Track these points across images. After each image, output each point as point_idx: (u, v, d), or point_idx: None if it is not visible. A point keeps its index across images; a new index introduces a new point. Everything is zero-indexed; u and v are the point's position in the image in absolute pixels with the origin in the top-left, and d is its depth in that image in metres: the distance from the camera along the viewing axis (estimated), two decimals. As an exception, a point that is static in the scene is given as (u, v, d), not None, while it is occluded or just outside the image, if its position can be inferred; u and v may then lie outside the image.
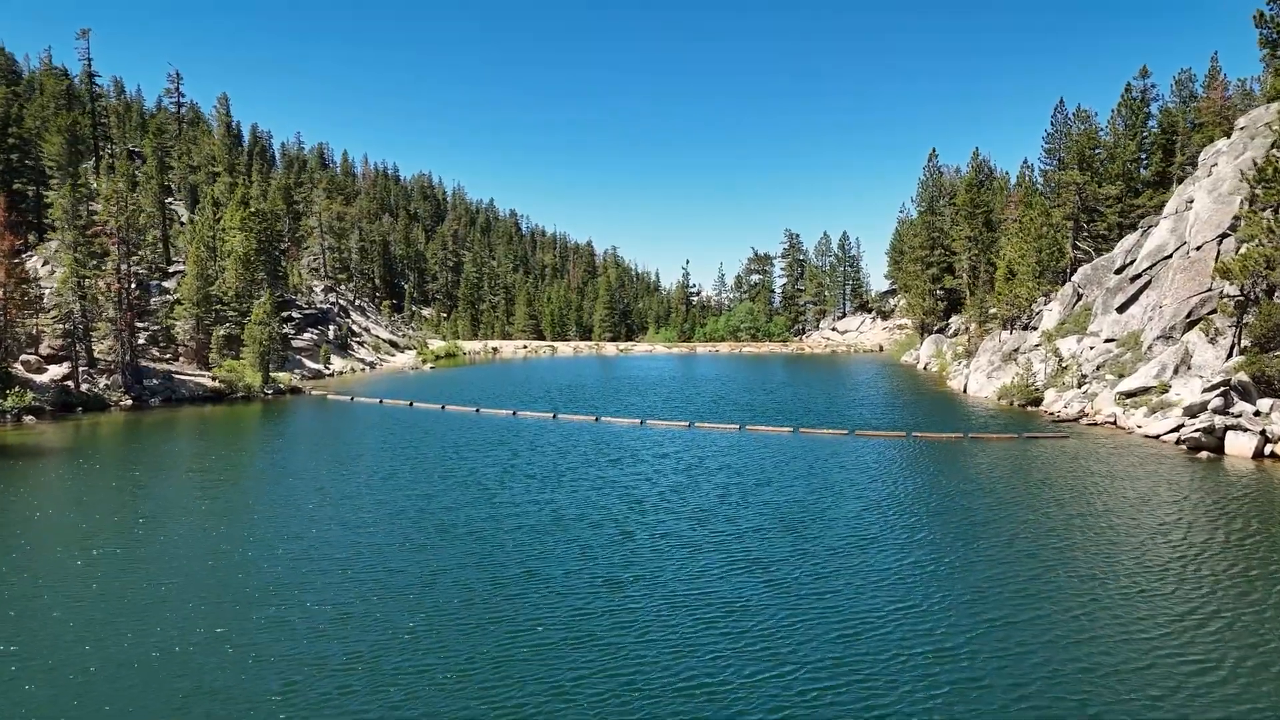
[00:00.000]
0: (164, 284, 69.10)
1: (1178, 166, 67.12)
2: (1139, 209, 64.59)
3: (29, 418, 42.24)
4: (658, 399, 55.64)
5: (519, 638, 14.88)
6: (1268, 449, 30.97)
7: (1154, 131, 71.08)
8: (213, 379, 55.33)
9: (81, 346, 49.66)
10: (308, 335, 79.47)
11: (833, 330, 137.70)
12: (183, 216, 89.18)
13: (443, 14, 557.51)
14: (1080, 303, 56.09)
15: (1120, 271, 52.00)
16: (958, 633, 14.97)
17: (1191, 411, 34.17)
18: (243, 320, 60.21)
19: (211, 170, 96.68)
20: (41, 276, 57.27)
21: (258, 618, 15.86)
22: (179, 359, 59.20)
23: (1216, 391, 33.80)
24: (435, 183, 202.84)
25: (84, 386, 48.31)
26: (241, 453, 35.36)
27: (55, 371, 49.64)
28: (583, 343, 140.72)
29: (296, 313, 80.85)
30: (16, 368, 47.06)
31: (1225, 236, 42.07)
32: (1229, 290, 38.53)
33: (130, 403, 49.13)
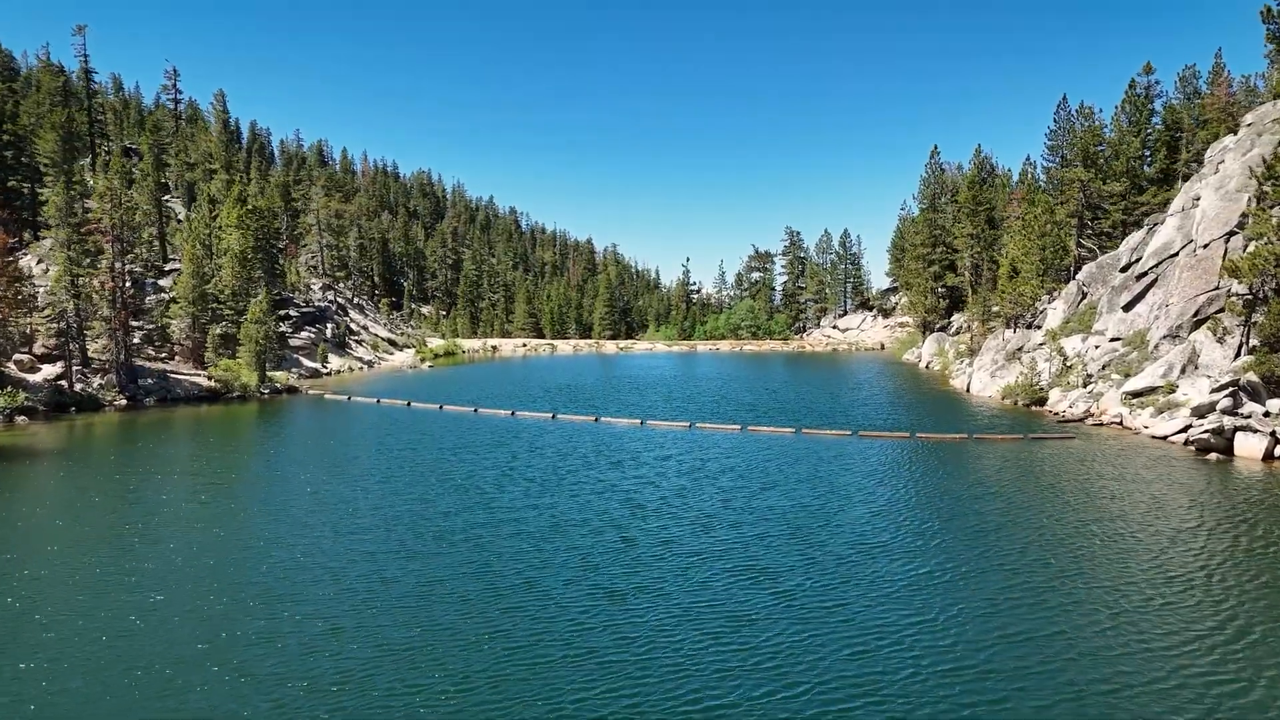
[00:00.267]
0: (160, 282, 68.46)
1: (1183, 163, 66.58)
2: (1143, 206, 64.07)
3: (21, 418, 41.60)
4: (658, 398, 55.07)
5: (517, 654, 14.32)
6: (1278, 450, 30.41)
7: (1158, 128, 70.67)
8: (208, 378, 54.70)
9: (75, 345, 48.99)
10: (305, 334, 78.76)
11: (834, 328, 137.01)
12: (179, 214, 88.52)
13: (443, 12, 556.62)
14: (1085, 301, 55.49)
15: (1125, 269, 51.42)
16: (976, 650, 14.40)
17: (1200, 412, 33.61)
18: (239, 319, 59.54)
19: (209, 167, 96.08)
20: (35, 275, 56.65)
21: (246, 632, 15.28)
22: (174, 358, 58.53)
23: (1225, 392, 33.24)
24: (435, 180, 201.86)
25: (78, 386, 47.69)
26: (235, 455, 34.75)
27: (49, 371, 49.00)
28: (582, 341, 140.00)
29: (294, 311, 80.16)
30: (9, 367, 46.45)
31: (1233, 234, 41.51)
32: (1237, 289, 37.98)
33: (125, 402, 48.51)
